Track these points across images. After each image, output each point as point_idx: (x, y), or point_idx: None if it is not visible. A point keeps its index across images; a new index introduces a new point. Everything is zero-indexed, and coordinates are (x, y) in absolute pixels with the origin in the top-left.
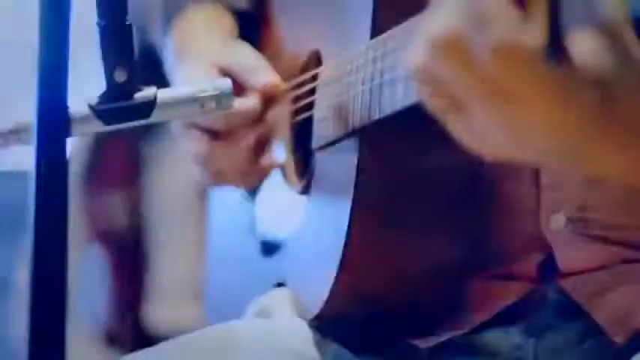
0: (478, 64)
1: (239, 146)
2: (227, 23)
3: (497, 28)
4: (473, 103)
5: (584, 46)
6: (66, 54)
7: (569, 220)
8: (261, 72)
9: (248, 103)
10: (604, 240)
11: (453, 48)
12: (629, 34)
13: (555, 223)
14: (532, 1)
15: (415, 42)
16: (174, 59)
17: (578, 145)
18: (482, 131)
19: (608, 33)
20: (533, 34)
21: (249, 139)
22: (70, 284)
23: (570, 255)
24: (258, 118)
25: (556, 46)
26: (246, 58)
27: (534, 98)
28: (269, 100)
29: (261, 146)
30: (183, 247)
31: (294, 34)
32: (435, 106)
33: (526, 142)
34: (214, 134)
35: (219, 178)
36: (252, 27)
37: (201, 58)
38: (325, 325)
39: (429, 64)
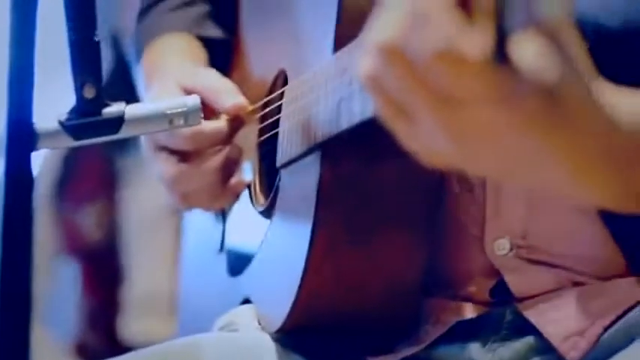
0: (421, 70)
1: (207, 168)
2: (197, 51)
3: (438, 33)
4: (419, 110)
5: (526, 49)
6: (32, 69)
7: (513, 246)
8: (228, 94)
9: (216, 124)
10: (550, 265)
11: (395, 55)
12: (571, 35)
13: (499, 249)
14: (477, 5)
15: (363, 50)
16: (145, 83)
17: (525, 150)
18: (429, 139)
19: (549, 34)
20: (479, 39)
21: (216, 160)
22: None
23: (520, 279)
24: (225, 139)
25: (500, 50)
26: (213, 80)
27: (478, 103)
28: (236, 122)
29: (230, 168)
30: (158, 260)
31: (261, 55)
32: (384, 115)
33: (473, 150)
34: (182, 156)
35: (188, 200)
36: (224, 54)
37: (169, 80)
38: (287, 337)
39: (374, 72)
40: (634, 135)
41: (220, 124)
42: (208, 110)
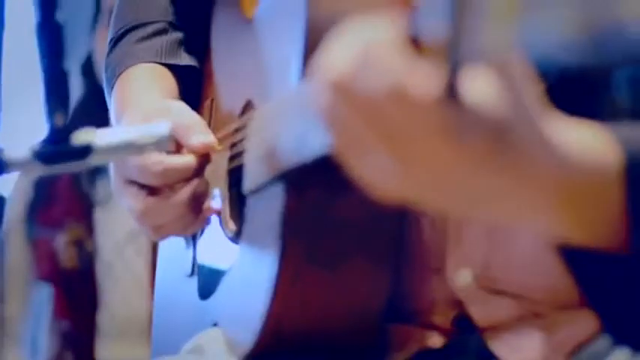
0: (370, 106)
1: (175, 202)
2: (168, 82)
3: (387, 72)
4: (368, 145)
5: (474, 84)
6: None
7: (475, 277)
8: (196, 131)
9: (184, 160)
10: (512, 296)
11: (344, 91)
12: (520, 70)
13: (461, 279)
14: (427, 41)
15: (315, 80)
16: (116, 116)
17: (474, 186)
18: (379, 174)
19: (497, 69)
20: (429, 76)
21: (184, 194)
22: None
23: (482, 309)
24: (194, 174)
25: (451, 86)
26: (182, 116)
27: (427, 139)
28: (204, 157)
29: (198, 200)
30: (133, 283)
31: (230, 84)
32: (336, 148)
33: (422, 185)
34: (151, 190)
35: (158, 232)
36: (195, 81)
37: (138, 115)
38: None
39: (325, 106)
40: (584, 170)
41: (189, 159)
42: (176, 145)
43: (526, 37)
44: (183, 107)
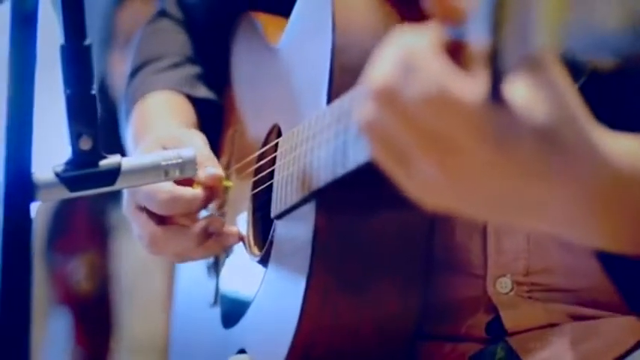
0: (415, 114)
1: (185, 235)
2: (185, 110)
3: (428, 79)
4: (414, 153)
5: (518, 89)
6: (31, 121)
7: (515, 283)
8: (206, 164)
9: (191, 192)
10: (549, 300)
11: (389, 99)
12: (563, 75)
13: (501, 286)
14: (470, 50)
15: (358, 98)
16: (133, 142)
17: (520, 194)
18: (425, 182)
19: (540, 73)
20: (473, 83)
21: (197, 227)
22: (35, 345)
23: (516, 315)
24: (200, 207)
25: (495, 92)
26: (194, 148)
27: (474, 146)
28: (212, 191)
29: (210, 235)
30: (150, 309)
31: (254, 111)
32: (381, 159)
33: (468, 193)
34: (160, 219)
35: (174, 258)
36: (214, 115)
37: (154, 142)
38: None
39: (370, 116)
40: (634, 181)
41: (196, 192)
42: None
43: (574, 36)
44: (197, 138)
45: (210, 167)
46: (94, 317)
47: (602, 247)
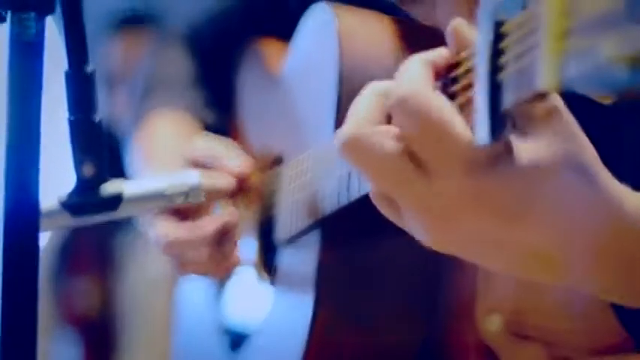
0: (385, 161)
1: (203, 232)
2: (193, 125)
3: (418, 114)
4: (405, 211)
5: (519, 141)
6: (37, 149)
7: (505, 322)
8: (235, 156)
9: (224, 181)
10: (542, 341)
11: (361, 145)
12: (565, 112)
13: (491, 324)
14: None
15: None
16: (140, 162)
17: (511, 242)
18: (412, 225)
19: (543, 112)
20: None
21: (214, 222)
22: None
23: (510, 354)
24: (230, 198)
25: (495, 132)
26: (217, 145)
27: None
28: (244, 181)
29: (226, 233)
30: (153, 332)
31: (258, 140)
32: (374, 200)
33: (457, 241)
34: (182, 216)
35: (185, 266)
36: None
37: (174, 155)
38: None
39: (345, 158)
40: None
41: (227, 180)
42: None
43: (577, 70)
44: (213, 137)
45: (239, 157)
46: (100, 340)
47: (606, 299)
